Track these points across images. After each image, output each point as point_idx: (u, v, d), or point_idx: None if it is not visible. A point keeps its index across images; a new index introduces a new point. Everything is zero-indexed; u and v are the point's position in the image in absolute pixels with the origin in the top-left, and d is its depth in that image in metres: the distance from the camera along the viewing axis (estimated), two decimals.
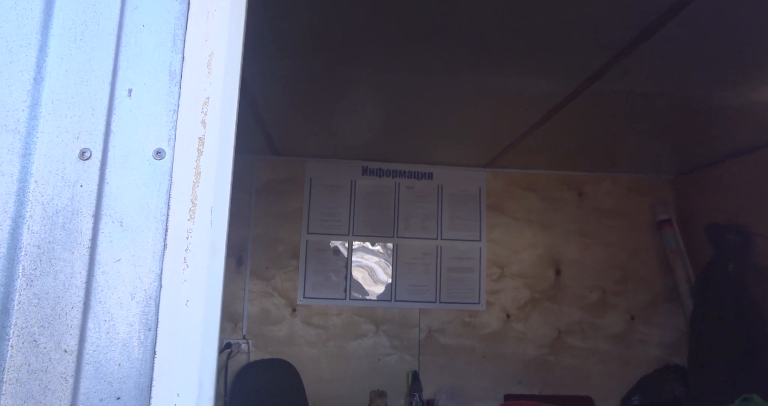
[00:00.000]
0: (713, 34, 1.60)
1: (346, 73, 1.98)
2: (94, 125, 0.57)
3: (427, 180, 3.27)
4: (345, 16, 1.55)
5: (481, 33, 1.63)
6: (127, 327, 0.54)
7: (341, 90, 2.15)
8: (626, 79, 1.94)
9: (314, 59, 1.86)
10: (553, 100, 2.18)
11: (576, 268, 3.23)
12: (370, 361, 3.04)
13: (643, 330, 3.18)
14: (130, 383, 0.52)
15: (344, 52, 1.80)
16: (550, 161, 3.19)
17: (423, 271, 3.17)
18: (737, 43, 1.65)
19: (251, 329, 3.00)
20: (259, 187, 3.14)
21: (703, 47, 1.68)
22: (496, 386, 3.06)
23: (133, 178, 0.56)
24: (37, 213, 0.55)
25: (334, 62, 1.88)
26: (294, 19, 1.58)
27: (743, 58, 1.76)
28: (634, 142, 2.74)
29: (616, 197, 3.32)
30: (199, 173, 0.56)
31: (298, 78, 2.04)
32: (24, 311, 0.53)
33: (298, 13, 1.54)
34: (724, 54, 1.72)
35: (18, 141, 0.55)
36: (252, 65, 1.92)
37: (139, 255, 0.55)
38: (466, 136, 2.75)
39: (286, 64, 1.91)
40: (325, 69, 1.94)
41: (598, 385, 3.09)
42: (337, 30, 1.64)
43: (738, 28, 1.57)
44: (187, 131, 0.57)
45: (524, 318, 3.16)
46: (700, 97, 2.08)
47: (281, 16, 1.55)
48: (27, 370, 0.51)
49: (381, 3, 1.47)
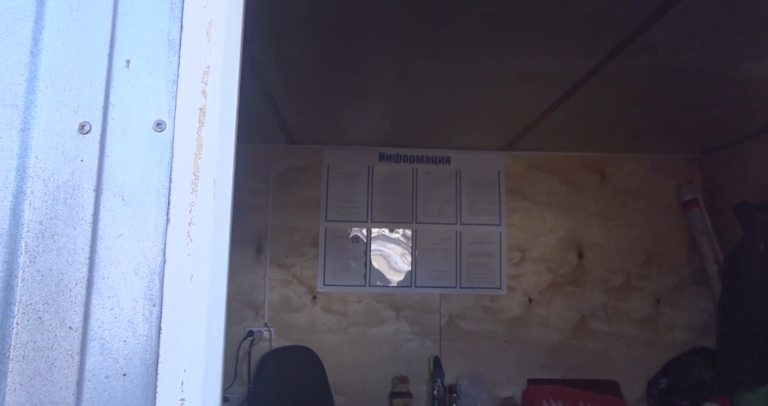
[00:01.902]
0: (738, 5, 1.52)
1: (361, 58, 1.95)
2: (92, 98, 0.55)
3: (444, 165, 3.24)
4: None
5: (496, 11, 1.58)
6: (131, 303, 0.53)
7: (356, 75, 2.12)
8: (648, 54, 1.87)
9: (328, 44, 1.83)
10: (572, 79, 2.12)
11: (599, 251, 3.17)
12: (391, 347, 3.04)
13: (670, 313, 3.11)
14: (136, 360, 0.51)
15: (359, 35, 1.76)
16: (570, 143, 3.12)
17: (443, 256, 3.15)
18: (764, 14, 1.58)
19: (272, 317, 3.02)
20: (276, 176, 3.14)
21: (727, 18, 1.60)
22: (519, 371, 3.04)
23: (134, 151, 0.55)
24: (38, 189, 0.54)
25: (348, 47, 1.85)
26: (307, 2, 1.55)
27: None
28: (658, 120, 2.65)
29: (640, 178, 3.23)
30: (200, 145, 0.55)
31: (313, 64, 2.01)
32: (28, 287, 0.52)
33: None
34: (750, 25, 1.65)
35: (16, 116, 0.54)
36: (265, 52, 1.90)
37: (141, 230, 0.54)
38: (484, 119, 2.70)
39: (300, 49, 1.88)
40: (339, 54, 1.92)
41: (623, 369, 3.04)
42: (351, 13, 1.61)
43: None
44: (188, 102, 0.56)
45: (546, 302, 3.12)
46: (726, 71, 2.00)
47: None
48: (33, 347, 0.51)
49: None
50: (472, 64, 1.98)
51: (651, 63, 1.94)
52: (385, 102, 2.45)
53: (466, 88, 2.24)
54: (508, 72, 2.06)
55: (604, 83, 2.13)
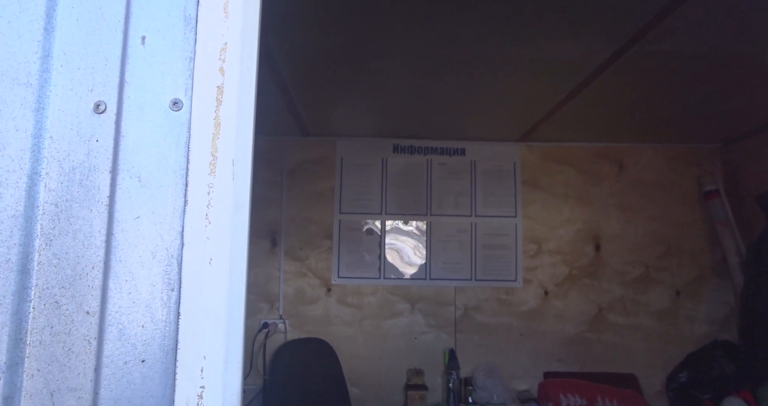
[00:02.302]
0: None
1: (375, 47, 1.92)
2: (107, 76, 0.54)
3: (459, 156, 3.20)
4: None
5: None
6: (149, 287, 0.51)
7: (370, 65, 2.09)
8: (669, 40, 1.82)
9: (342, 33, 1.81)
10: (590, 66, 2.07)
11: (617, 243, 3.12)
12: (406, 339, 3.03)
13: (690, 306, 3.06)
14: (154, 346, 0.50)
15: (373, 24, 1.74)
16: (587, 133, 3.07)
17: (457, 248, 3.12)
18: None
19: (287, 309, 3.02)
20: (290, 168, 3.13)
21: (751, 2, 1.55)
22: (535, 364, 3.01)
23: (150, 131, 0.53)
24: (54, 170, 0.52)
25: (363, 36, 1.83)
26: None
27: None
28: (678, 109, 2.59)
29: (659, 169, 3.17)
30: (218, 124, 0.53)
31: (326, 54, 1.99)
32: (44, 271, 0.51)
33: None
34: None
35: (31, 95, 0.53)
36: (279, 42, 1.88)
37: (158, 212, 0.52)
38: (499, 109, 2.66)
39: (314, 39, 1.86)
40: (353, 43, 1.89)
41: (641, 362, 3.00)
42: (365, 1, 1.58)
43: None
44: (205, 80, 0.54)
45: (563, 295, 3.08)
46: (750, 57, 1.94)
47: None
48: (50, 332, 0.50)
49: None
50: (488, 52, 1.95)
51: (672, 49, 1.89)
52: (399, 92, 2.42)
53: (482, 77, 2.20)
54: (525, 60, 2.01)
55: (624, 71, 2.08)
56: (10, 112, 0.53)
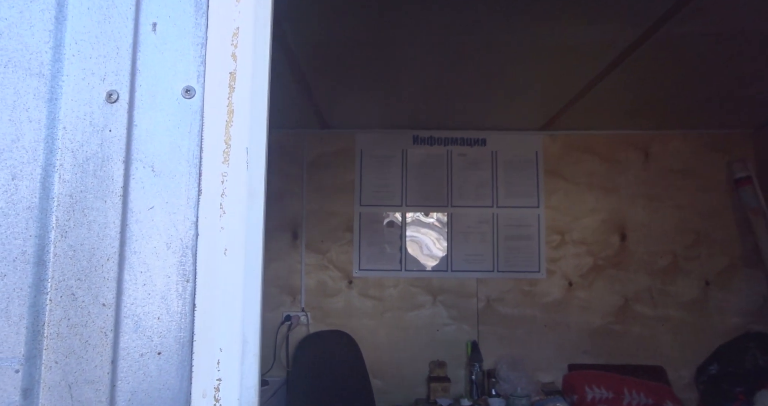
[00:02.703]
0: None
1: (392, 36, 1.90)
2: (119, 65, 0.53)
3: (480, 146, 3.16)
4: None
5: None
6: (164, 279, 0.51)
7: (388, 54, 2.07)
8: (700, 20, 1.75)
9: (359, 22, 1.79)
10: (615, 50, 2.01)
11: (643, 233, 3.05)
12: (428, 331, 3.01)
13: (720, 296, 2.97)
14: (170, 338, 0.49)
15: (391, 12, 1.71)
16: (611, 120, 2.99)
17: (479, 240, 3.09)
18: None
19: (309, 302, 3.04)
20: (310, 161, 3.13)
21: None
22: (560, 356, 2.97)
23: (163, 119, 0.53)
24: (68, 161, 0.52)
25: (381, 24, 1.80)
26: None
27: None
28: (709, 93, 2.51)
29: (687, 156, 3.08)
30: (231, 111, 0.52)
31: (344, 44, 1.97)
32: (60, 263, 0.51)
33: None
34: None
35: (43, 85, 0.53)
36: (296, 32, 1.87)
37: (172, 202, 0.51)
38: (520, 97, 2.61)
39: (331, 29, 1.84)
40: (370, 32, 1.87)
41: (670, 354, 2.93)
42: None
43: None
44: (217, 66, 0.53)
45: (587, 286, 3.03)
46: None
47: None
48: (67, 324, 0.50)
49: None
50: (509, 37, 1.90)
51: (703, 29, 1.82)
52: (419, 82, 2.39)
53: (503, 64, 2.16)
54: (548, 45, 1.96)
55: (651, 54, 2.01)
56: (23, 103, 0.52)
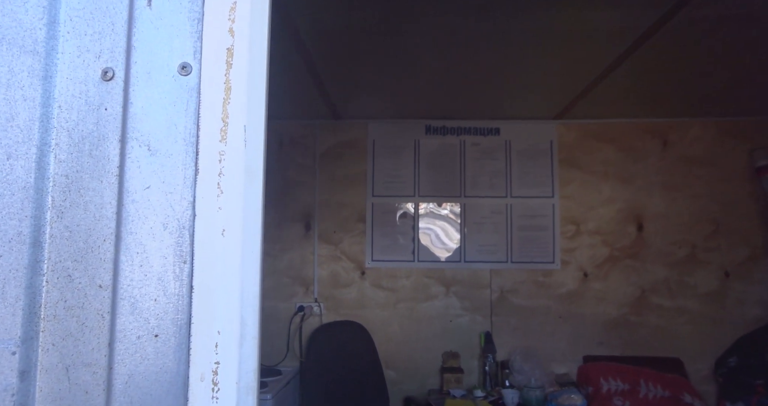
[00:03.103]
0: None
1: (403, 24, 1.87)
2: (115, 42, 0.52)
3: (493, 136, 3.12)
4: None
5: None
6: (161, 260, 0.50)
7: (399, 43, 2.04)
8: (721, 3, 1.69)
9: (370, 10, 1.76)
10: (632, 35, 1.96)
11: (661, 223, 2.99)
12: (441, 322, 3.00)
13: (740, 288, 2.91)
14: (167, 320, 0.48)
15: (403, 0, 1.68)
16: (628, 108, 2.93)
17: (492, 230, 3.06)
18: None
19: (322, 292, 3.04)
20: (322, 152, 3.12)
21: None
22: (574, 348, 2.94)
23: (159, 97, 0.51)
24: (63, 140, 0.51)
25: (390, 12, 1.77)
26: None
27: None
28: (729, 79, 2.43)
29: (707, 144, 3.01)
30: (229, 88, 0.50)
31: (355, 32, 1.95)
32: (56, 244, 0.50)
33: None
34: None
35: (38, 63, 0.52)
36: (306, 21, 1.85)
37: (169, 181, 0.50)
38: (534, 85, 2.56)
39: (342, 17, 1.82)
40: (381, 20, 1.84)
41: (687, 346, 2.88)
42: None
43: None
44: (214, 42, 0.51)
45: (603, 277, 2.98)
46: None
47: None
48: (63, 306, 0.49)
49: None
50: (522, 23, 1.86)
51: (724, 12, 1.76)
52: (430, 71, 2.36)
53: (516, 51, 2.12)
54: (562, 31, 1.92)
55: (670, 39, 1.96)
56: (17, 81, 0.52)
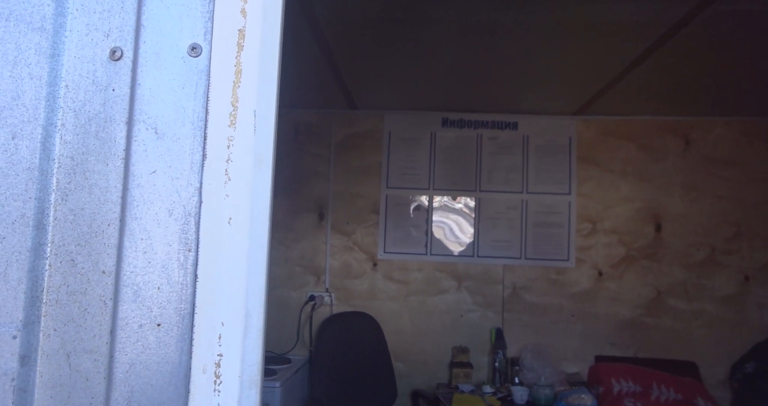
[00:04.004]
0: None
1: (423, 14, 1.83)
2: (124, 20, 0.50)
3: (511, 130, 3.07)
4: None
5: None
6: (165, 247, 0.48)
7: (418, 34, 2.00)
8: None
9: (392, 2, 1.73)
10: (658, 30, 1.90)
11: (680, 224, 2.93)
12: (452, 317, 2.98)
13: (760, 292, 2.84)
14: (170, 309, 0.47)
15: None
16: (650, 105, 2.86)
17: (507, 226, 3.02)
18: None
19: (333, 283, 3.04)
20: (337, 142, 3.10)
21: None
22: (586, 347, 2.90)
23: (167, 78, 0.50)
24: (69, 121, 0.50)
25: (410, 3, 1.74)
26: None
27: None
28: (756, 77, 2.36)
29: (730, 144, 2.93)
30: (239, 71, 0.49)
31: (374, 23, 1.92)
32: (60, 227, 0.49)
33: None
34: None
35: (45, 40, 0.50)
36: (325, 11, 1.83)
37: (175, 166, 0.49)
38: (555, 80, 2.51)
39: (361, 7, 1.79)
40: (400, 11, 1.81)
41: (703, 350, 2.83)
42: None
43: None
44: (225, 22, 0.50)
45: (618, 276, 2.94)
46: None
47: None
48: (66, 291, 0.48)
49: None
50: (543, 15, 1.82)
51: (754, 7, 1.70)
52: (449, 62, 2.32)
53: (537, 45, 2.07)
54: (585, 24, 1.87)
55: (697, 34, 1.90)
56: (24, 58, 0.50)
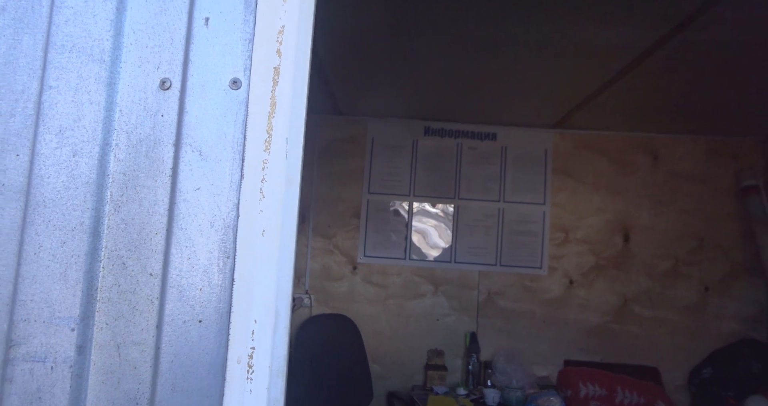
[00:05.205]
0: None
1: (412, 27, 1.92)
2: (173, 55, 0.57)
3: (490, 141, 3.18)
4: None
5: None
6: (207, 254, 0.55)
7: (406, 45, 2.09)
8: (717, 28, 1.77)
9: (380, 12, 1.81)
10: (633, 52, 2.03)
11: (646, 235, 3.08)
12: (428, 320, 3.07)
13: (718, 302, 3.01)
14: (210, 308, 0.54)
15: (411, 3, 1.73)
16: (623, 122, 3.01)
17: (484, 233, 3.13)
18: None
19: (313, 285, 3.09)
20: (322, 146, 3.16)
21: None
22: (556, 352, 3.02)
23: (211, 108, 0.57)
24: (123, 141, 0.56)
25: (400, 15, 1.82)
26: None
27: None
28: (721, 100, 2.52)
29: (696, 161, 3.10)
30: (274, 104, 0.56)
31: (364, 32, 2.00)
32: (113, 234, 0.55)
33: None
34: None
35: (104, 70, 0.57)
36: (318, 20, 1.90)
37: (217, 184, 0.56)
38: (535, 93, 2.63)
39: (352, 17, 1.87)
40: (390, 22, 1.89)
41: (665, 356, 2.98)
42: None
43: None
44: (263, 61, 0.57)
45: (588, 284, 3.07)
46: None
47: None
48: (117, 290, 0.54)
49: None
50: (528, 34, 1.92)
51: (720, 37, 1.83)
52: (434, 74, 2.41)
53: (519, 60, 2.18)
54: (565, 44, 1.98)
55: (668, 58, 2.03)
56: (85, 86, 0.57)
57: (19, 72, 0.55)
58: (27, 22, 0.56)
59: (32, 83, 0.55)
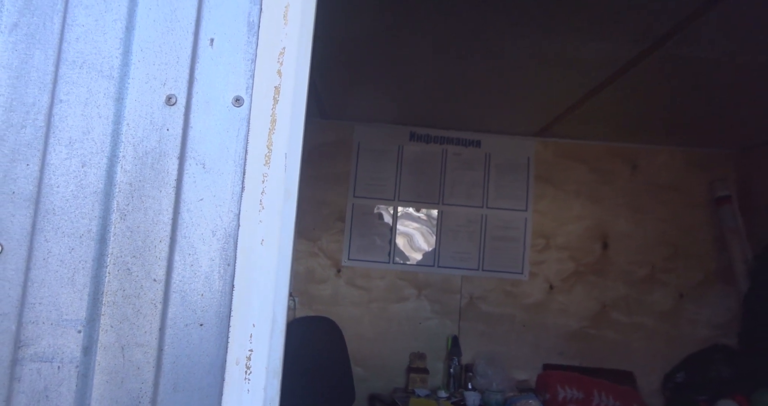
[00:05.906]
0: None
1: (400, 35, 1.96)
2: (179, 72, 0.60)
3: (474, 148, 3.24)
4: None
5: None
6: (208, 261, 0.58)
7: (394, 52, 2.13)
8: (693, 46, 1.85)
9: (369, 19, 1.85)
10: (613, 66, 2.10)
11: (625, 242, 3.16)
12: (411, 324, 3.11)
13: (692, 309, 3.10)
14: (211, 312, 0.57)
15: (401, 12, 1.78)
16: (603, 132, 3.09)
17: (467, 238, 3.18)
18: None
19: (297, 287, 3.11)
20: (308, 149, 3.19)
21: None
22: (536, 356, 3.08)
23: (215, 123, 0.60)
24: (129, 154, 0.59)
25: (389, 23, 1.87)
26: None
27: None
28: (697, 113, 2.61)
29: (673, 171, 3.20)
30: (274, 121, 0.59)
31: (352, 39, 2.03)
32: (119, 242, 0.58)
33: None
34: None
35: (112, 86, 0.59)
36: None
37: (219, 196, 0.59)
38: (518, 103, 2.70)
39: (341, 23, 1.90)
40: (379, 30, 1.93)
41: (640, 361, 3.06)
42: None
43: None
44: (264, 80, 0.60)
45: (567, 290, 3.14)
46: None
47: None
48: (122, 295, 0.57)
49: None
50: (513, 46, 1.98)
51: (696, 55, 1.91)
52: (421, 81, 2.46)
53: (504, 70, 2.24)
54: (549, 56, 2.05)
55: (646, 73, 2.11)
56: (94, 100, 0.59)
57: (31, 86, 0.58)
58: (39, 39, 0.58)
59: (43, 96, 0.58)
